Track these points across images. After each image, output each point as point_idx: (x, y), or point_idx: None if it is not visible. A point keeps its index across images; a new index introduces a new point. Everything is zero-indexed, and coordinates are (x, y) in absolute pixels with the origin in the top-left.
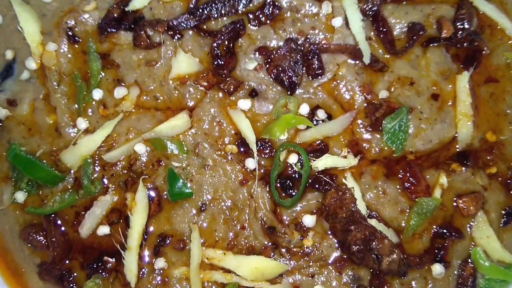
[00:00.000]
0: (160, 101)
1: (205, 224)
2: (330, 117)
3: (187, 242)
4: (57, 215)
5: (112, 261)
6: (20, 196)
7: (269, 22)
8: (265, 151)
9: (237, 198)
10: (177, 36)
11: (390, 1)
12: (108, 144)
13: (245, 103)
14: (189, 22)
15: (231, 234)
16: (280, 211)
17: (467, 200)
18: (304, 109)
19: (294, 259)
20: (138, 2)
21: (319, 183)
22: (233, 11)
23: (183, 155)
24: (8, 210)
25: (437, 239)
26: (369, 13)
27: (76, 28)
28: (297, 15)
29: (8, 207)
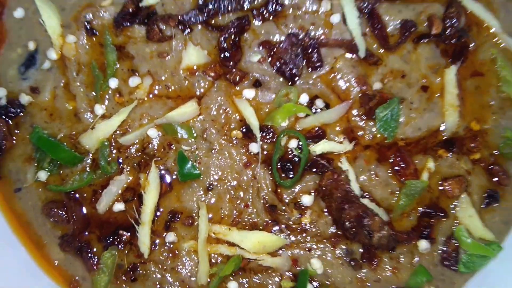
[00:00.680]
0: (171, 90)
1: (212, 202)
2: (327, 106)
3: (195, 218)
4: (76, 193)
5: (127, 235)
6: (42, 175)
7: (272, 18)
8: (268, 136)
9: (241, 179)
10: (187, 30)
11: None
12: (123, 129)
13: (249, 93)
14: (198, 17)
15: (235, 211)
16: (280, 191)
17: (452, 183)
18: (304, 98)
19: (293, 235)
20: None
21: (316, 166)
22: (239, 7)
23: (192, 139)
24: (31, 188)
25: (423, 218)
26: (365, 10)
27: (94, 21)
28: (298, 12)
29: (31, 185)
